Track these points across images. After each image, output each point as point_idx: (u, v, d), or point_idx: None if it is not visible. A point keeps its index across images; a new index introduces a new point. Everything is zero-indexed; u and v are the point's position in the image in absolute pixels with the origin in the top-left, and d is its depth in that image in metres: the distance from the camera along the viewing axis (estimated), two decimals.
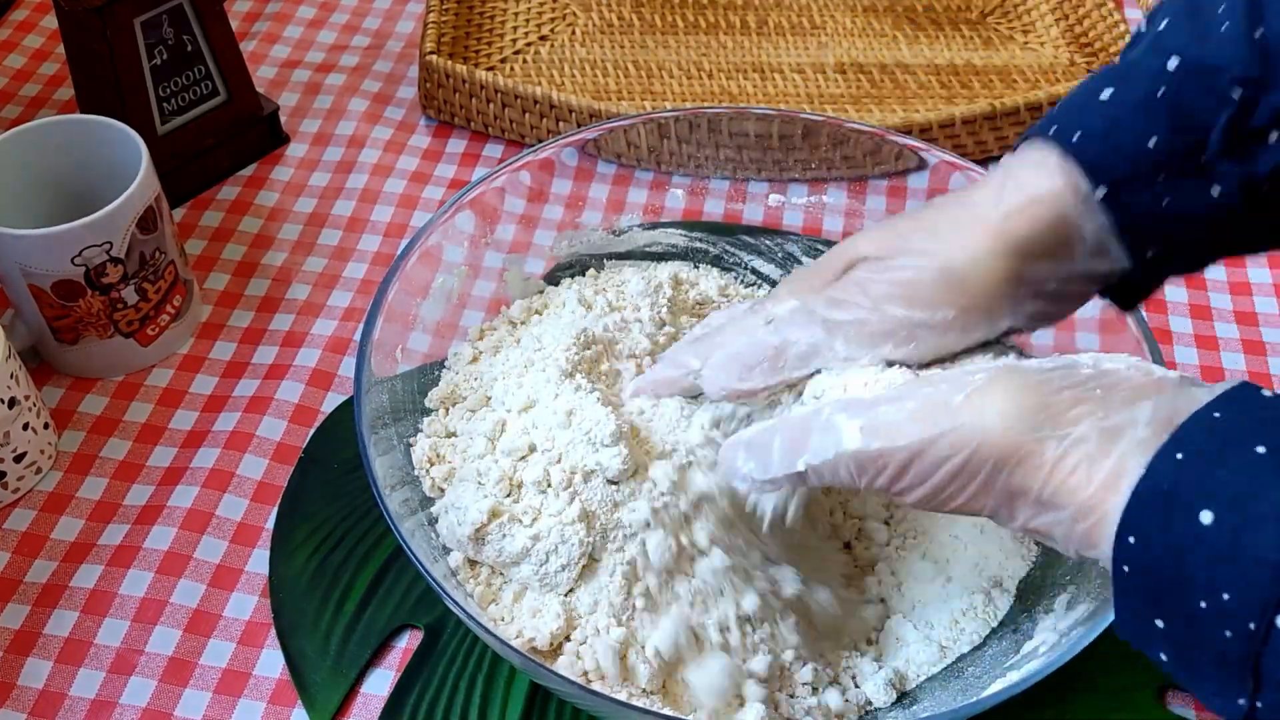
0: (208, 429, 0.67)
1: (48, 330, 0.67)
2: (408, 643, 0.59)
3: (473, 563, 0.56)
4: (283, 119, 0.84)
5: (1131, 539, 0.37)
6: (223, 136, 0.79)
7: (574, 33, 0.91)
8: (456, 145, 0.84)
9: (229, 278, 0.75)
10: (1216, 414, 0.38)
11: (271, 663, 0.58)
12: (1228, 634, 0.35)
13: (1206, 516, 0.35)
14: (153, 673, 0.57)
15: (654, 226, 0.72)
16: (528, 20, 0.92)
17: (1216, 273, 0.77)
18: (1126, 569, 0.37)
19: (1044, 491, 0.40)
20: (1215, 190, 0.44)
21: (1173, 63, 0.44)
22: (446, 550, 0.57)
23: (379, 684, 0.58)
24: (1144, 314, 0.60)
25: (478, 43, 0.90)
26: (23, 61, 0.90)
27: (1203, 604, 0.35)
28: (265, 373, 0.70)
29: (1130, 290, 0.49)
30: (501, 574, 0.55)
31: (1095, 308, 0.61)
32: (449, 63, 0.82)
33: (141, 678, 0.57)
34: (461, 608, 0.49)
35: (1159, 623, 0.37)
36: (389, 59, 0.91)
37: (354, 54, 0.91)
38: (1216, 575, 0.35)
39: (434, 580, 0.49)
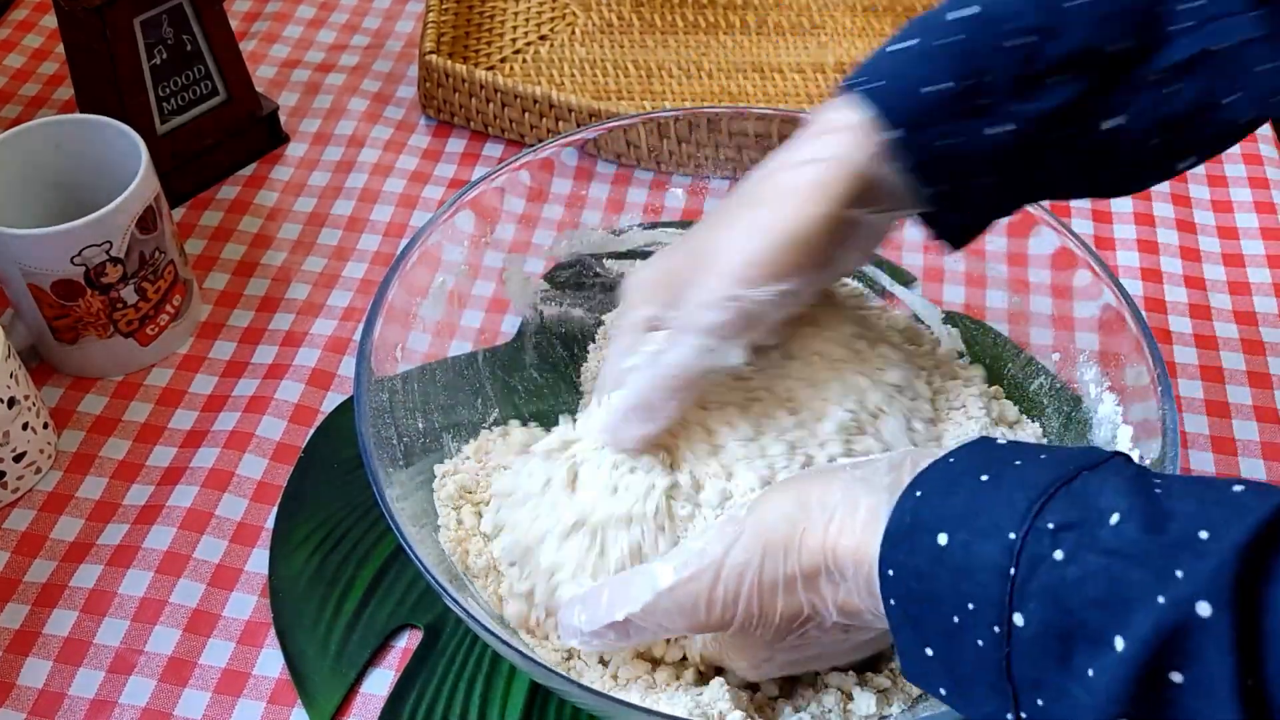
0: (207, 429, 0.67)
1: (47, 330, 0.67)
2: (407, 642, 0.59)
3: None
4: (282, 118, 0.84)
5: (890, 571, 0.40)
6: (222, 136, 0.79)
7: (574, 32, 0.91)
8: (456, 145, 0.84)
9: (229, 277, 0.75)
10: (951, 459, 0.42)
11: (271, 662, 0.58)
12: (980, 643, 0.37)
13: (943, 538, 0.39)
14: (152, 672, 0.57)
15: (654, 226, 0.72)
16: (527, 20, 0.92)
17: (1216, 272, 0.77)
18: (893, 602, 0.40)
19: (829, 559, 0.43)
20: (1002, 129, 0.48)
21: (967, 11, 0.48)
22: (445, 550, 0.57)
23: (379, 684, 0.58)
24: (1144, 314, 0.60)
25: (477, 42, 0.90)
26: (22, 61, 0.90)
27: (955, 619, 0.38)
28: (265, 372, 0.70)
29: (955, 232, 0.53)
30: (501, 573, 0.55)
31: (1095, 307, 0.61)
32: (449, 62, 0.82)
33: (141, 677, 0.57)
34: (461, 607, 0.49)
35: (929, 651, 0.40)
36: (389, 58, 0.91)
37: (354, 53, 0.91)
38: (959, 588, 0.38)
39: (434, 580, 0.49)
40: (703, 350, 0.51)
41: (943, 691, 0.40)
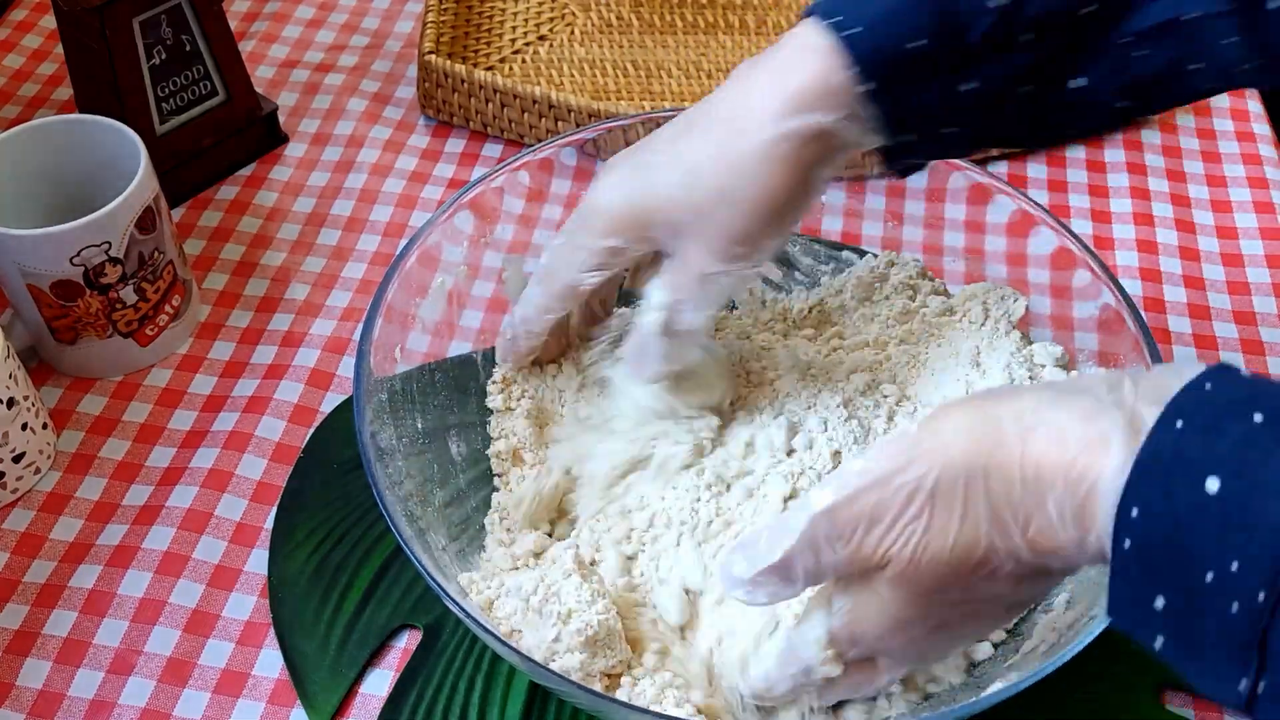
0: (207, 429, 0.67)
1: (46, 330, 0.67)
2: (407, 642, 0.59)
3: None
4: (281, 119, 0.84)
5: (1135, 510, 0.35)
6: (221, 136, 0.79)
7: (573, 32, 0.91)
8: (455, 145, 0.84)
9: (228, 278, 0.75)
10: (1208, 385, 0.37)
11: (270, 663, 0.58)
12: (1234, 608, 0.33)
13: (1213, 484, 0.34)
14: (151, 673, 0.57)
15: None
16: (526, 20, 0.92)
17: (1215, 272, 0.77)
18: (1128, 544, 0.36)
19: (1028, 477, 0.38)
20: (973, 85, 0.49)
21: None
22: (445, 550, 0.57)
23: (378, 684, 0.58)
24: (1143, 314, 0.60)
25: (476, 42, 0.90)
26: (21, 61, 0.90)
27: (1209, 576, 0.34)
28: (264, 372, 0.70)
29: (905, 167, 0.55)
30: (501, 576, 0.55)
31: (1094, 307, 0.61)
32: (448, 62, 0.82)
33: (140, 678, 0.57)
34: (461, 607, 0.49)
35: (1159, 601, 0.35)
36: (388, 59, 0.91)
37: (353, 54, 0.91)
38: (1225, 544, 0.34)
39: (433, 580, 0.49)
40: (706, 316, 0.55)
41: (1159, 643, 0.36)
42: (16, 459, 0.63)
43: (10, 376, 0.61)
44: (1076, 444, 0.37)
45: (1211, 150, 0.85)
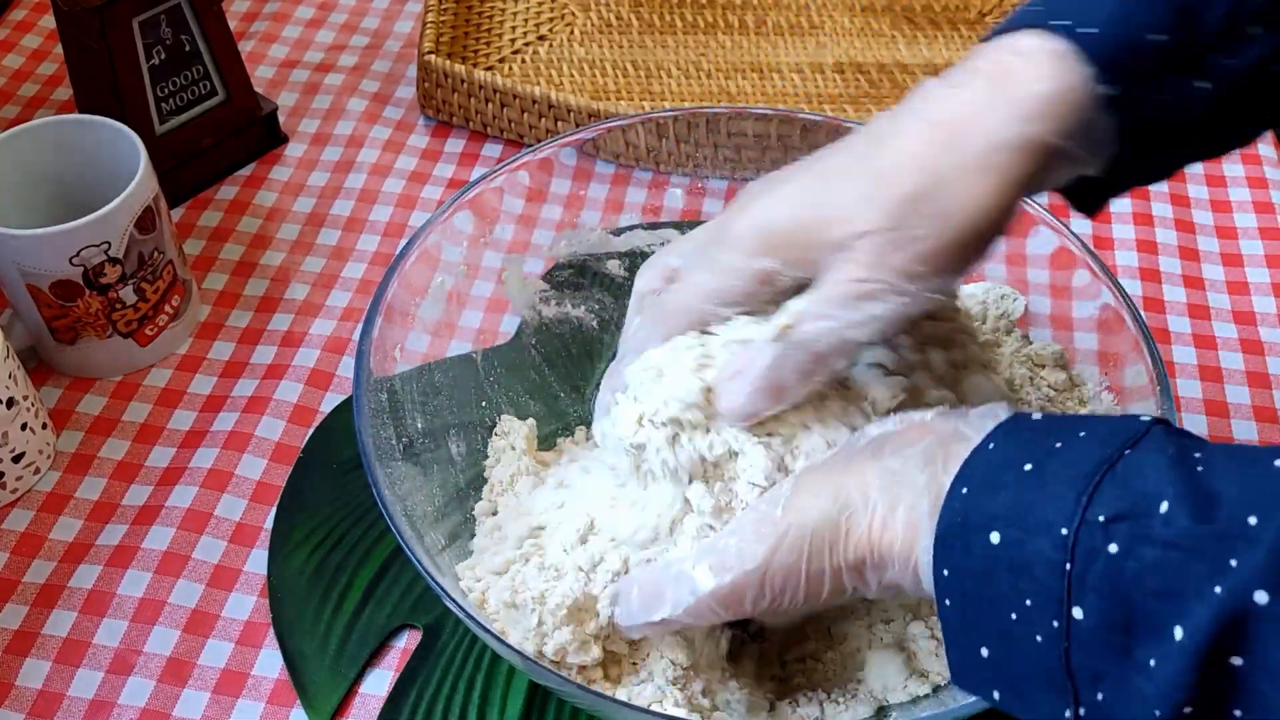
0: (206, 429, 0.67)
1: (46, 330, 0.67)
2: (406, 642, 0.59)
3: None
4: (281, 119, 0.84)
5: (945, 572, 0.40)
6: (221, 136, 0.79)
7: (572, 32, 0.91)
8: (455, 145, 0.84)
9: (227, 278, 0.75)
10: (990, 446, 0.41)
11: (270, 663, 0.58)
12: (1039, 639, 0.37)
13: (995, 536, 0.38)
14: (151, 673, 0.57)
15: (653, 226, 0.72)
16: (526, 20, 0.92)
17: (1214, 272, 0.77)
18: (948, 603, 0.40)
19: (871, 556, 0.43)
20: (1206, 84, 0.44)
21: None
22: (445, 550, 0.57)
23: (378, 684, 0.58)
24: (1143, 314, 0.60)
25: (476, 42, 0.90)
26: (21, 61, 0.90)
27: (1013, 616, 0.38)
28: (264, 372, 0.70)
29: (1090, 193, 0.50)
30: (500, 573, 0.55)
31: (1094, 307, 0.61)
32: (447, 62, 0.82)
33: (140, 678, 0.57)
34: (461, 607, 0.49)
35: (984, 652, 0.39)
36: (387, 59, 0.91)
37: (352, 54, 0.91)
38: (1016, 586, 0.38)
39: (433, 580, 0.49)
40: (844, 339, 0.45)
41: (996, 695, 0.40)
42: (16, 459, 0.63)
43: (10, 376, 0.61)
44: (901, 529, 0.42)
45: None
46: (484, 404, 0.65)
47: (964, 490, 0.40)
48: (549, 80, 0.87)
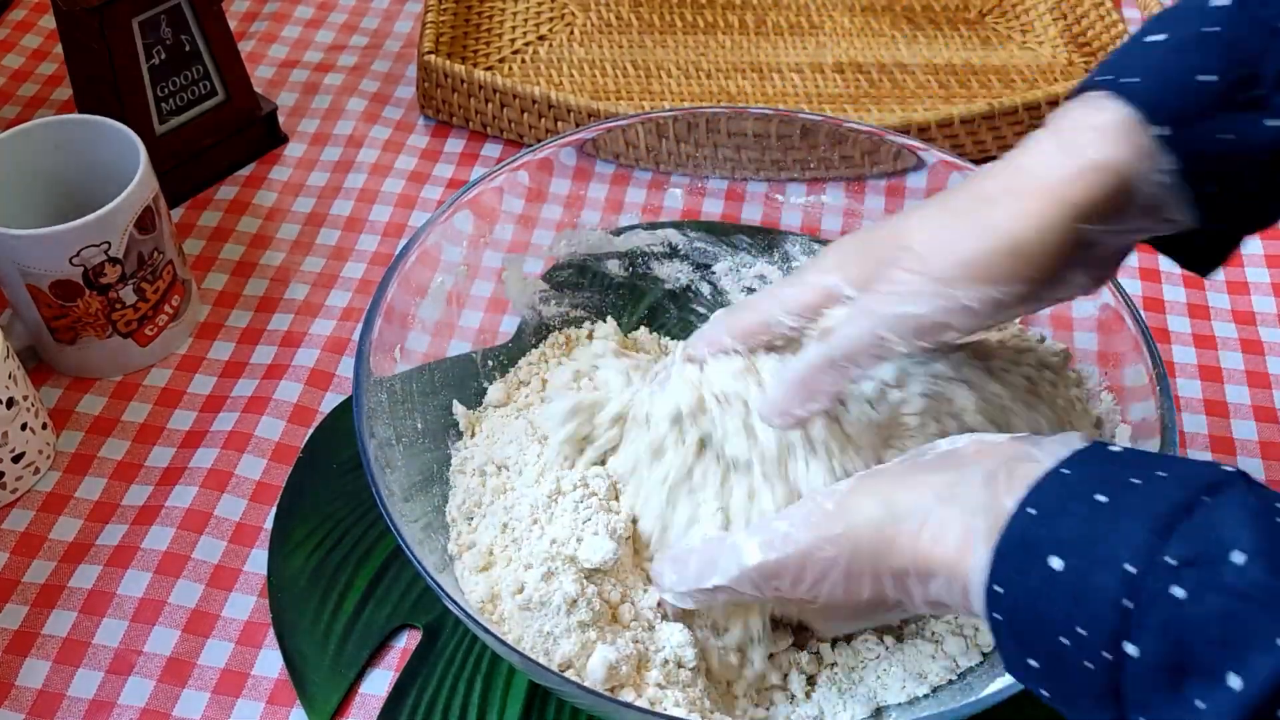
0: (206, 429, 0.67)
1: (46, 330, 0.67)
2: (406, 642, 0.59)
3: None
4: (281, 119, 0.84)
5: (999, 588, 0.40)
6: (221, 136, 0.79)
7: (572, 32, 0.91)
8: (455, 145, 0.84)
9: (227, 277, 0.75)
10: (1065, 471, 0.41)
11: (270, 663, 0.58)
12: (1088, 666, 0.37)
13: (1056, 562, 0.38)
14: (151, 673, 0.57)
15: (653, 226, 0.72)
16: (526, 20, 0.92)
17: (1215, 272, 0.77)
18: (998, 616, 0.40)
19: (916, 566, 0.44)
20: (1273, 123, 0.44)
21: (1223, 1, 0.44)
22: (444, 549, 0.57)
23: (378, 684, 0.58)
24: (1143, 314, 0.60)
25: (476, 42, 0.90)
26: (21, 61, 0.90)
27: (1064, 640, 0.38)
28: (264, 372, 0.70)
29: (1201, 253, 0.50)
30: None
31: (1094, 306, 0.61)
32: (447, 62, 0.82)
33: (140, 678, 0.57)
34: (460, 607, 0.49)
35: (1032, 662, 0.40)
36: (387, 59, 0.91)
37: (352, 54, 0.91)
38: (1071, 614, 0.38)
39: (433, 580, 0.49)
40: (877, 339, 0.48)
41: (1045, 694, 0.41)
42: (16, 459, 0.63)
43: (10, 376, 0.61)
44: (953, 545, 0.42)
45: None
46: (483, 403, 0.65)
47: (1031, 511, 0.40)
48: (549, 80, 0.87)
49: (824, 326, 0.50)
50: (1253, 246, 0.79)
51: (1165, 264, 0.77)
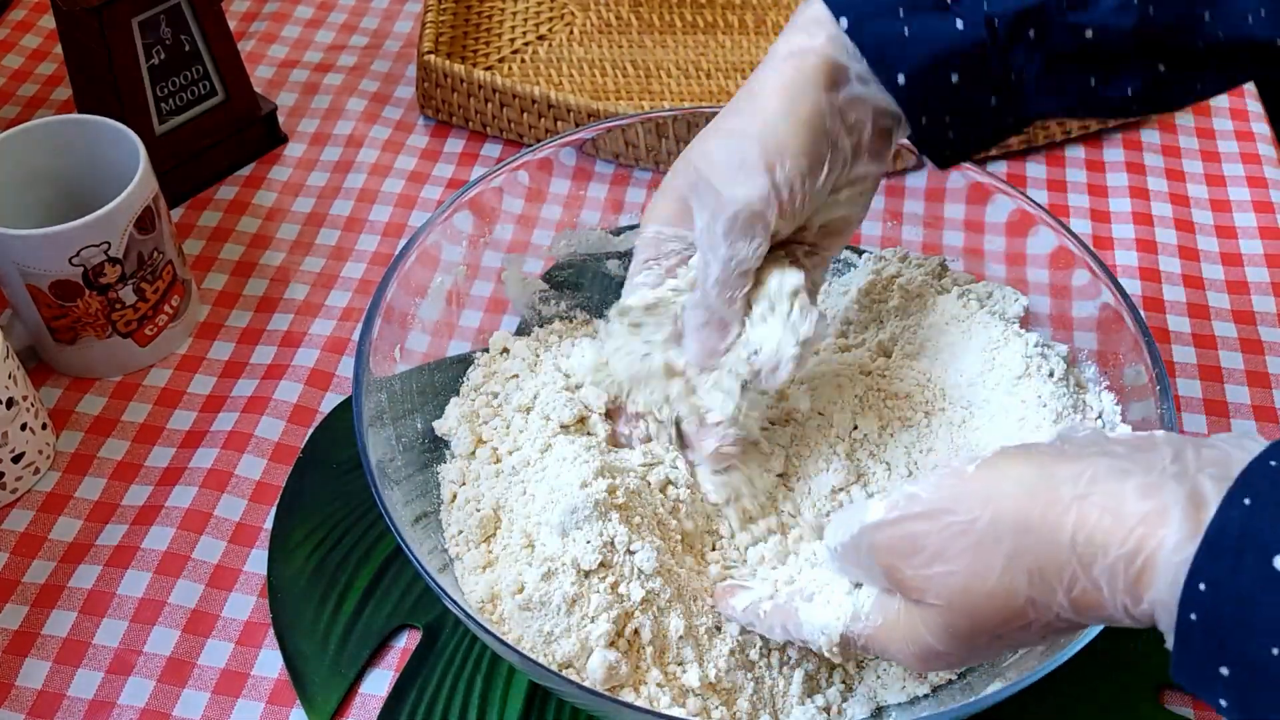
0: (206, 429, 0.67)
1: (46, 330, 0.67)
2: (406, 642, 0.59)
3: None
4: (281, 119, 0.84)
5: (1202, 585, 0.35)
6: (221, 136, 0.79)
7: (572, 32, 0.91)
8: (455, 145, 0.84)
9: (227, 277, 0.75)
10: (1273, 462, 0.37)
11: (270, 663, 0.58)
12: None
13: (1279, 562, 0.34)
14: (151, 673, 0.57)
15: None
16: (526, 20, 0.92)
17: (1214, 272, 0.77)
18: (1194, 616, 0.36)
19: (1079, 541, 0.38)
20: (958, 23, 0.49)
21: None
22: (445, 550, 0.57)
23: (378, 684, 0.58)
24: (1142, 313, 0.60)
25: (476, 42, 0.90)
26: (20, 61, 0.90)
27: (1275, 651, 0.34)
28: (264, 373, 0.70)
29: (940, 148, 0.54)
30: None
31: (1094, 306, 0.61)
32: (447, 62, 0.82)
33: (140, 678, 0.57)
34: (460, 607, 0.49)
35: (1224, 670, 0.36)
36: (387, 59, 0.91)
37: (352, 54, 0.91)
38: None
39: (433, 580, 0.49)
40: (728, 259, 0.53)
41: (1223, 704, 0.37)
42: (16, 459, 0.63)
43: (9, 376, 0.61)
44: (1134, 517, 0.37)
45: (1211, 150, 0.85)
46: None
47: (1246, 501, 0.36)
48: (548, 80, 0.87)
49: (689, 278, 0.56)
50: (1252, 247, 0.79)
51: (1165, 264, 0.77)
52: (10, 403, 0.61)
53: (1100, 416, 0.60)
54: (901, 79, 0.50)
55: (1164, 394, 0.55)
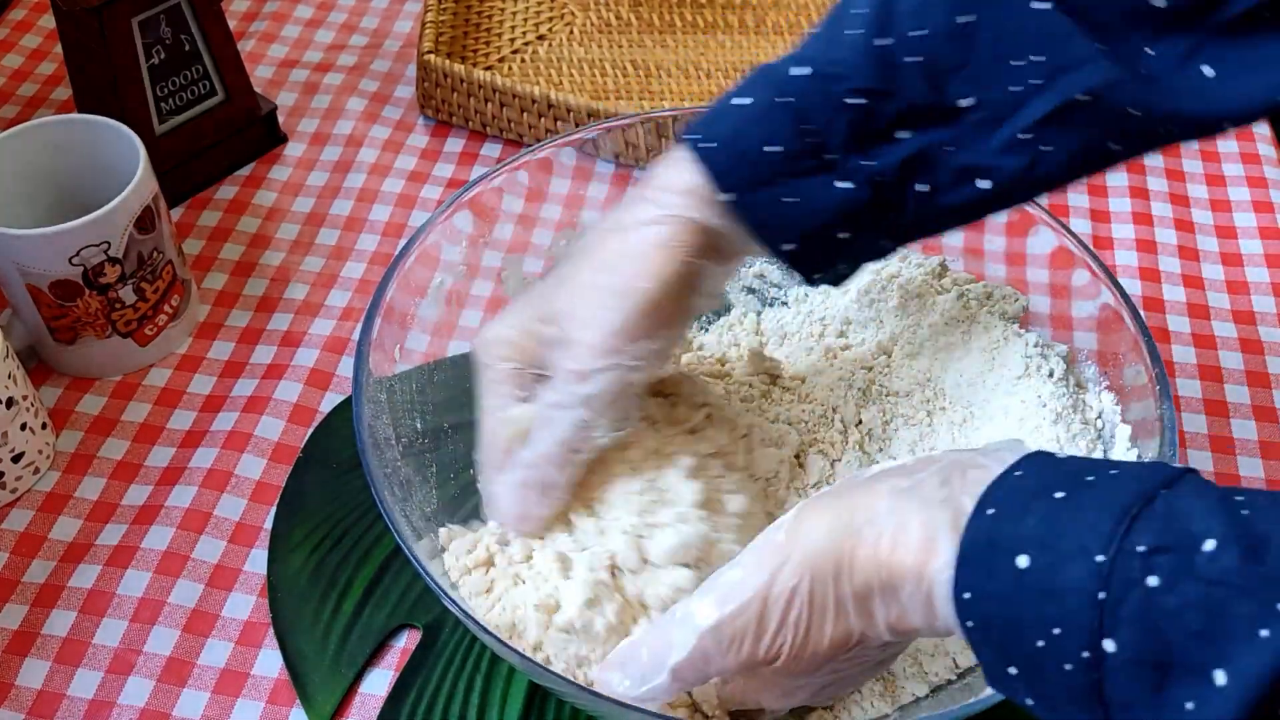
0: (206, 429, 0.67)
1: (45, 330, 0.67)
2: (406, 642, 0.59)
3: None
4: (281, 118, 0.84)
5: (966, 595, 0.39)
6: (221, 136, 0.79)
7: (572, 32, 0.91)
8: (454, 145, 0.84)
9: (227, 277, 0.75)
10: (1018, 473, 0.40)
11: (270, 662, 0.58)
12: (1068, 667, 0.36)
13: (1023, 561, 0.37)
14: (151, 673, 0.57)
15: None
16: (526, 20, 0.92)
17: (1214, 272, 0.77)
18: (970, 624, 0.39)
19: (881, 576, 0.42)
20: (842, 185, 0.49)
21: (802, 70, 0.49)
22: (444, 550, 0.57)
23: (377, 684, 0.58)
24: (1142, 313, 0.60)
25: (476, 42, 0.90)
26: (20, 61, 0.90)
27: (1040, 643, 0.37)
28: (263, 372, 0.70)
29: (817, 276, 0.53)
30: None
31: (1094, 306, 0.61)
32: (447, 62, 0.82)
33: (140, 678, 0.57)
34: (460, 607, 0.49)
35: (1012, 670, 0.38)
36: (387, 58, 0.91)
37: (352, 53, 0.91)
38: (1043, 613, 0.37)
39: (432, 580, 0.49)
40: (580, 423, 0.51)
41: (1030, 703, 0.39)
42: (16, 459, 0.63)
43: (9, 376, 0.61)
44: (916, 545, 0.41)
45: (1211, 150, 0.85)
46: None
47: (989, 512, 0.39)
48: (548, 80, 0.87)
49: (519, 419, 0.53)
50: (1252, 247, 0.79)
51: (1165, 264, 0.77)
52: (10, 402, 0.61)
53: (1100, 416, 0.60)
54: (789, 247, 0.51)
55: (1164, 394, 0.55)
